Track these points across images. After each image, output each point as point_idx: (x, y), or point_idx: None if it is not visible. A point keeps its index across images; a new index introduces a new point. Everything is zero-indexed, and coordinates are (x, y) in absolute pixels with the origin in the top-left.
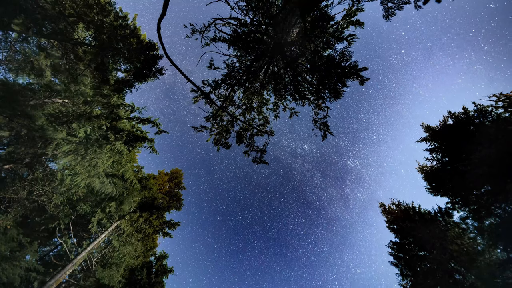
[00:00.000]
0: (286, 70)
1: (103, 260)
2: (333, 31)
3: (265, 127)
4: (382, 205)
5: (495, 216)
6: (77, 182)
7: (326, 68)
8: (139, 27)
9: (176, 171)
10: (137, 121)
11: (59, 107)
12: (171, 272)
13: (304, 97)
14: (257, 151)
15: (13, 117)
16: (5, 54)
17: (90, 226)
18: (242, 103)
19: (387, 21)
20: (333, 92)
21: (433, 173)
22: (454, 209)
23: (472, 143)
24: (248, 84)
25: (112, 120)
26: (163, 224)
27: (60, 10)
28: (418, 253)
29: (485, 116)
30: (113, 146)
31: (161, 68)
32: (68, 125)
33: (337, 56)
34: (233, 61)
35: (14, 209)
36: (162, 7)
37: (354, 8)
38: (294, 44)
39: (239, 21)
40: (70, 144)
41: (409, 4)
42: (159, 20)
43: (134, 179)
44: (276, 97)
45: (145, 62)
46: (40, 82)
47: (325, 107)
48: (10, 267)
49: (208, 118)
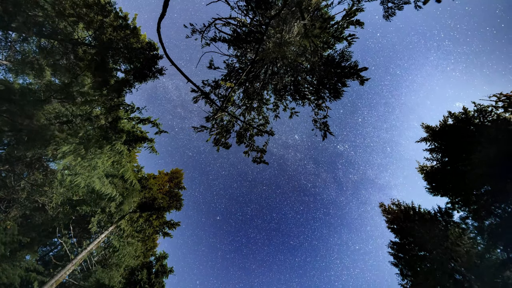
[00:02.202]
0: (286, 70)
1: (103, 260)
2: (333, 31)
3: (265, 127)
4: (382, 205)
5: (495, 216)
6: (77, 182)
7: (326, 68)
8: (139, 27)
9: (176, 171)
10: (137, 121)
11: (59, 107)
12: (171, 272)
13: (304, 97)
14: (257, 151)
15: (13, 117)
16: (5, 54)
17: (90, 226)
18: (242, 103)
19: (387, 21)
20: (333, 92)
21: (433, 173)
22: (454, 209)
23: (472, 143)
24: (248, 84)
25: (112, 120)
26: (163, 224)
27: (60, 10)
28: (418, 253)
29: (485, 116)
30: (113, 146)
31: (161, 68)
32: (68, 125)
33: (337, 56)
34: (233, 61)
35: (14, 209)
36: (162, 7)
37: (354, 8)
38: (294, 44)
39: (239, 21)
40: (70, 144)
41: (409, 4)
42: (159, 20)
43: (134, 179)
44: (276, 97)
45: (145, 62)
46: (40, 82)
47: (325, 107)
48: (10, 267)
49: (208, 118)
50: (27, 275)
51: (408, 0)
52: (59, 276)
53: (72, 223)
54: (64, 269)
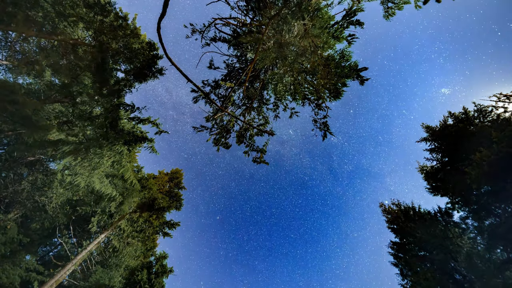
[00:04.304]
0: (286, 70)
1: (103, 260)
2: (333, 31)
3: (265, 127)
4: (382, 205)
5: (495, 216)
6: (77, 182)
7: (326, 68)
8: (139, 27)
9: (176, 171)
10: (137, 121)
11: (59, 107)
12: (171, 272)
13: (304, 97)
14: (257, 151)
15: (13, 117)
16: (5, 54)
17: (90, 226)
18: (242, 103)
19: (387, 21)
20: (333, 92)
21: (433, 173)
22: (454, 209)
23: (472, 143)
24: (248, 84)
25: (112, 120)
26: (163, 224)
27: (60, 10)
28: (418, 253)
29: (485, 116)
30: (113, 146)
31: (161, 68)
32: (68, 125)
33: (337, 56)
34: (233, 61)
35: (14, 209)
36: (162, 7)
37: (354, 8)
38: (294, 44)
39: (239, 21)
40: (70, 144)
41: (409, 4)
42: (159, 20)
43: (134, 179)
44: (276, 97)
45: (145, 62)
46: (40, 82)
47: (325, 107)
48: (10, 267)
49: (208, 118)
50: (27, 275)
51: (408, 0)
52: (59, 276)
53: (72, 223)
54: (64, 269)
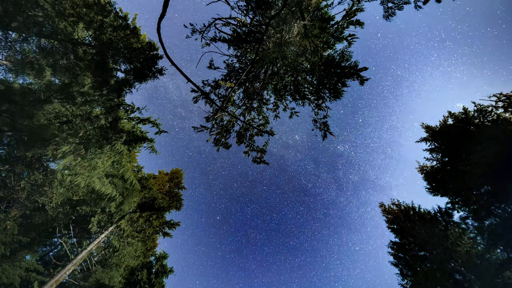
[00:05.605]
0: (286, 70)
1: (103, 260)
2: (333, 31)
3: (265, 127)
4: (382, 205)
5: (495, 216)
6: (77, 182)
7: (326, 68)
8: (139, 27)
9: (176, 171)
10: (137, 121)
11: (59, 107)
12: (171, 272)
13: (304, 97)
14: (257, 151)
15: (13, 117)
16: (5, 54)
17: (90, 226)
18: (242, 103)
19: (387, 21)
20: (333, 92)
21: (433, 173)
22: (454, 209)
23: (472, 143)
24: (248, 84)
25: (112, 120)
26: (163, 224)
27: (60, 10)
28: (418, 253)
29: (485, 116)
30: (113, 146)
31: (161, 68)
32: (68, 125)
33: (337, 56)
34: (233, 61)
35: (14, 209)
36: (162, 7)
37: (354, 8)
38: (294, 44)
39: (239, 21)
40: (70, 144)
41: (409, 4)
42: (159, 20)
43: (134, 179)
44: (276, 97)
45: (145, 62)
46: (40, 82)
47: (325, 107)
48: (10, 267)
49: (208, 118)
50: (27, 275)
51: (408, 0)
52: (59, 276)
53: (72, 223)
54: (64, 269)
